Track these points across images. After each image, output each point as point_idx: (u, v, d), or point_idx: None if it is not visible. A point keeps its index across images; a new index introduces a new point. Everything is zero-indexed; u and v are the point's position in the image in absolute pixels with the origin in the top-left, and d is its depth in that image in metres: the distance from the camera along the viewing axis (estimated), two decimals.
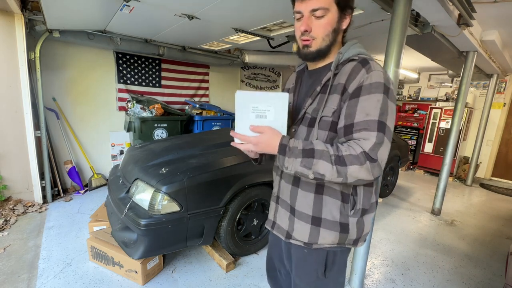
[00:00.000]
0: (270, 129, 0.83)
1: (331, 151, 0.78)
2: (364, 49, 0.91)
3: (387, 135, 0.79)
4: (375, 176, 0.78)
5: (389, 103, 0.80)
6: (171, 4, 2.18)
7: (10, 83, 2.84)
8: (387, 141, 0.79)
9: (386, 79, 0.81)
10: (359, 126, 0.79)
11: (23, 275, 1.94)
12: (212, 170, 1.99)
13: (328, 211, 0.89)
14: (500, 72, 4.52)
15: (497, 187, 4.94)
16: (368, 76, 0.81)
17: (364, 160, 0.76)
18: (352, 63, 0.85)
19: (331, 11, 0.84)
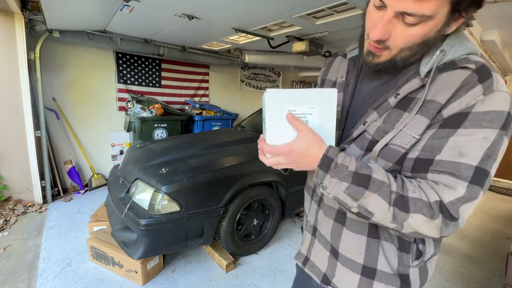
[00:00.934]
0: (310, 130, 0.59)
1: (393, 187, 0.56)
2: (473, 44, 0.60)
3: (485, 189, 0.54)
4: (444, 235, 0.56)
5: (504, 141, 0.54)
6: (171, 4, 2.18)
7: (10, 83, 2.84)
8: (481, 194, 0.54)
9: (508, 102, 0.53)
10: (442, 166, 0.55)
11: (23, 275, 1.94)
12: (212, 170, 1.99)
13: (384, 261, 0.67)
14: (500, 72, 4.52)
15: (497, 187, 4.94)
16: (486, 99, 0.53)
17: (437, 213, 0.54)
18: (462, 72, 0.56)
19: (435, 18, 0.53)
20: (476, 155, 0.53)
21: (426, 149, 0.57)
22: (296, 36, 3.00)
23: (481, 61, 0.57)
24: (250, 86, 5.58)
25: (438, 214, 0.53)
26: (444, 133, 0.55)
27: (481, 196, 0.54)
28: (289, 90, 0.59)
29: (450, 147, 0.54)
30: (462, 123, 0.54)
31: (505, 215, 3.63)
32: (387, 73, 0.66)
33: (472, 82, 0.54)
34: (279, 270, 2.13)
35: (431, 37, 0.56)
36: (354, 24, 2.55)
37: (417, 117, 0.58)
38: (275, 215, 2.36)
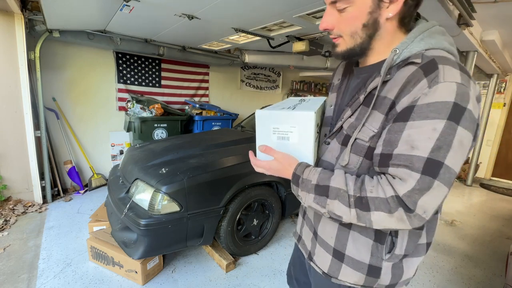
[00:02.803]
0: (282, 155, 0.72)
1: (350, 191, 0.61)
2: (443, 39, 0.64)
3: (441, 178, 0.54)
4: (414, 227, 0.58)
5: (458, 132, 0.54)
6: (171, 4, 2.18)
7: (10, 83, 2.83)
8: (440, 185, 0.55)
9: (461, 96, 0.54)
10: (399, 160, 0.57)
11: (23, 275, 1.94)
12: (212, 170, 1.99)
13: (354, 249, 0.72)
14: (500, 72, 4.52)
15: (497, 187, 4.94)
16: (430, 92, 0.55)
17: (395, 207, 0.57)
18: (412, 67, 0.59)
19: (359, 2, 0.61)
20: (427, 147, 0.54)
21: (386, 144, 0.60)
22: (296, 36, 3.00)
23: (434, 55, 0.59)
24: (250, 86, 5.58)
25: (397, 208, 0.56)
26: (397, 127, 0.59)
27: (438, 187, 0.55)
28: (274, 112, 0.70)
29: (404, 140, 0.57)
30: (411, 116, 0.57)
31: (505, 215, 3.63)
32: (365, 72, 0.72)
33: (418, 77, 0.57)
34: (279, 270, 2.13)
35: (369, 20, 0.63)
36: None
37: (374, 112, 0.64)
38: (275, 215, 2.36)
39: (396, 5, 0.61)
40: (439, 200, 0.56)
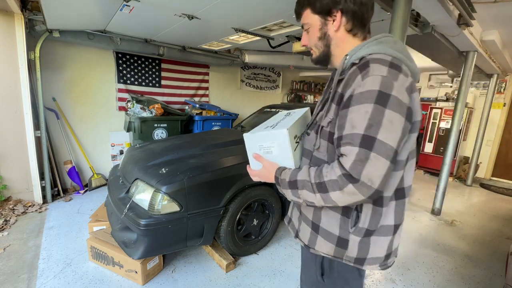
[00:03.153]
0: (268, 163, 0.89)
1: (312, 179, 0.76)
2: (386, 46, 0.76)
3: (377, 150, 0.67)
4: (367, 196, 0.69)
5: (386, 113, 0.67)
6: (171, 4, 2.18)
7: (10, 83, 2.83)
8: (377, 157, 0.67)
9: (385, 85, 0.68)
10: (345, 139, 0.71)
11: (23, 275, 1.94)
12: (212, 170, 1.99)
13: (326, 221, 0.85)
14: (500, 72, 4.52)
15: (497, 187, 4.94)
16: (362, 84, 0.70)
17: (345, 183, 0.69)
18: (354, 68, 0.75)
19: (312, 23, 0.84)
20: (362, 125, 0.69)
21: (338, 128, 0.75)
22: (296, 36, 3.00)
23: (370, 57, 0.74)
24: (250, 86, 5.58)
25: (346, 184, 0.69)
26: (343, 114, 0.74)
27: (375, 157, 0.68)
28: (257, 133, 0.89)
29: (348, 123, 0.71)
30: (351, 103, 0.71)
31: (505, 215, 3.63)
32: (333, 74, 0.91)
33: (355, 74, 0.73)
34: (279, 270, 2.13)
35: (322, 35, 0.84)
36: None
37: (332, 105, 0.80)
38: (275, 215, 2.36)
39: (337, 22, 0.81)
40: (380, 171, 0.68)
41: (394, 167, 0.73)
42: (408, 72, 0.74)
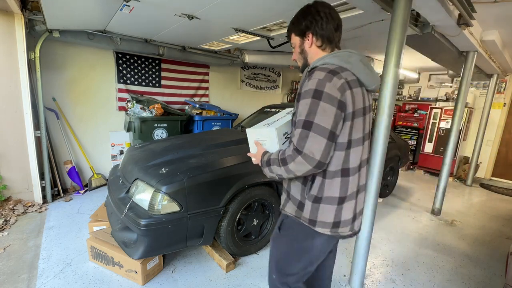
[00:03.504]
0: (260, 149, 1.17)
1: (278, 157, 1.02)
2: (333, 59, 1.02)
3: (314, 130, 0.93)
4: (313, 166, 0.95)
5: (321, 104, 0.93)
6: (171, 4, 2.18)
7: (10, 83, 2.84)
8: (314, 135, 0.93)
9: (319, 85, 0.94)
10: (295, 124, 1.01)
11: (23, 275, 1.94)
12: (212, 170, 1.99)
13: (293, 189, 1.15)
14: (500, 72, 4.52)
15: (497, 187, 4.94)
16: (306, 85, 0.98)
17: (295, 156, 0.96)
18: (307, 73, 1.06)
19: (295, 42, 1.15)
20: (304, 113, 0.95)
21: (295, 116, 1.02)
22: None
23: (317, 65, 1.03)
24: (250, 86, 5.58)
25: (296, 156, 0.95)
26: (297, 105, 1.01)
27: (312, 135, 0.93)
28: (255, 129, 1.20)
29: (298, 111, 0.98)
30: (300, 98, 0.99)
31: (505, 215, 3.63)
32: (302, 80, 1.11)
33: (305, 78, 1.03)
34: None
35: (301, 50, 1.14)
36: (354, 24, 2.55)
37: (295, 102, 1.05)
38: (275, 215, 2.36)
39: (310, 41, 1.10)
40: (318, 145, 0.93)
41: (334, 146, 0.99)
42: (346, 77, 0.97)
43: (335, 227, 1.07)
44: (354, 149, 1.03)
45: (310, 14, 1.06)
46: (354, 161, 1.04)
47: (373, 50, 4.07)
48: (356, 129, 1.02)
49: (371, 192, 1.80)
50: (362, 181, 1.12)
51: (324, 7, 1.06)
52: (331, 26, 1.06)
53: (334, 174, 1.02)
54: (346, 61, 1.00)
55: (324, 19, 1.05)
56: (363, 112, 1.04)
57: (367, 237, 1.86)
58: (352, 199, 1.08)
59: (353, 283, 1.96)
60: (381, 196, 3.87)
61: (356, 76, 1.01)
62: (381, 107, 1.72)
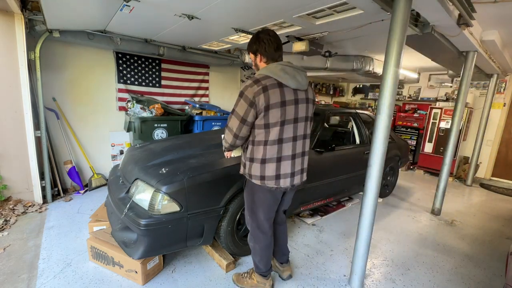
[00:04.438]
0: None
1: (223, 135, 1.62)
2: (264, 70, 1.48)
3: (234, 115, 1.47)
4: (232, 136, 1.51)
5: (240, 101, 1.43)
6: (171, 4, 2.18)
7: (10, 83, 2.84)
8: (233, 117, 1.48)
9: (244, 89, 1.43)
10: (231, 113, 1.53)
11: (23, 275, 1.94)
12: (212, 170, 1.99)
13: (242, 155, 1.65)
14: (500, 72, 4.52)
15: (497, 187, 4.94)
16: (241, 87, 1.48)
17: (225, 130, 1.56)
18: None
19: (252, 58, 1.61)
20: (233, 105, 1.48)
21: None
22: (296, 36, 3.00)
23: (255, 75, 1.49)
24: None
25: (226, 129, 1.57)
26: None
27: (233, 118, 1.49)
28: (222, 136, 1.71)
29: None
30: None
31: (505, 215, 3.63)
32: None
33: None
34: None
35: (255, 64, 1.61)
36: (354, 24, 2.55)
37: None
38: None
39: (258, 58, 1.55)
40: (234, 124, 1.48)
41: (243, 125, 1.46)
42: (266, 84, 1.41)
43: (276, 179, 1.53)
44: (281, 127, 1.46)
45: (258, 41, 1.50)
46: (272, 136, 1.47)
47: (373, 50, 4.07)
48: (274, 116, 1.43)
49: (371, 192, 1.80)
50: (298, 150, 1.56)
51: (265, 35, 1.49)
52: (272, 48, 1.49)
53: (259, 143, 1.49)
54: (271, 71, 1.44)
55: (266, 44, 1.48)
56: (287, 104, 1.44)
57: (367, 237, 1.86)
58: (287, 160, 1.52)
59: (353, 283, 1.97)
60: (381, 196, 3.88)
61: (278, 81, 1.42)
62: (381, 107, 1.72)
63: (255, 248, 1.76)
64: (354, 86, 8.03)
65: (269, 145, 1.47)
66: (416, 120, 6.12)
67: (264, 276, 1.84)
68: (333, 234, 2.76)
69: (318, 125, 2.83)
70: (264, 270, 1.81)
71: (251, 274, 1.90)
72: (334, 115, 3.64)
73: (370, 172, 1.79)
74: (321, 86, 7.70)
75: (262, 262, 1.78)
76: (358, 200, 3.74)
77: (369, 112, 3.88)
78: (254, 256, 1.81)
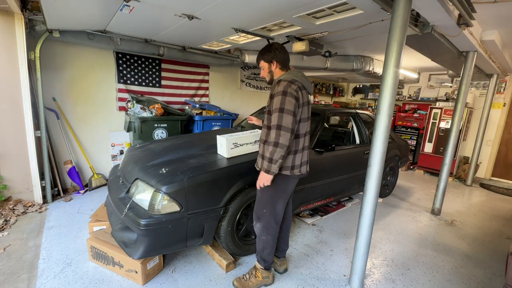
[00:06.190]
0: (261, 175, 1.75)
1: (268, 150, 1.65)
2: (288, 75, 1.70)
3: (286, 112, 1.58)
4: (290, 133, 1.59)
5: (287, 98, 1.58)
6: (171, 4, 2.18)
7: (10, 83, 2.84)
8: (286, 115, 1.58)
9: (285, 88, 1.60)
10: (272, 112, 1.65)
11: (23, 275, 1.94)
12: (212, 170, 1.99)
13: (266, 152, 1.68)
14: (500, 72, 4.52)
15: (497, 187, 4.94)
16: (277, 89, 1.64)
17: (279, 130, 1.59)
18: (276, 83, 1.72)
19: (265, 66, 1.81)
20: (277, 104, 1.60)
21: (269, 107, 1.70)
22: (296, 36, 3.00)
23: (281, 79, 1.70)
24: (250, 86, 5.58)
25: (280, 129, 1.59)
26: (271, 101, 1.67)
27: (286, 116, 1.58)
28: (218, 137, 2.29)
29: (273, 104, 1.64)
30: (274, 96, 1.64)
31: (505, 215, 3.63)
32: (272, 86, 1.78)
33: (275, 85, 1.71)
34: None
35: (269, 71, 1.82)
36: (354, 24, 2.55)
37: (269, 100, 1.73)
38: None
39: (274, 65, 1.78)
40: (289, 120, 1.57)
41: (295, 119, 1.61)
42: (298, 84, 1.64)
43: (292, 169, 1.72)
44: (304, 123, 1.72)
45: (272, 50, 1.75)
46: (306, 130, 1.75)
47: (373, 50, 4.07)
48: (304, 112, 1.68)
49: (371, 192, 1.80)
50: (307, 143, 1.79)
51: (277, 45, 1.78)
52: (286, 56, 1.77)
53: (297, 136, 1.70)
54: (296, 76, 1.69)
55: (281, 52, 1.76)
56: (307, 104, 1.71)
57: (367, 237, 1.86)
58: (306, 150, 1.79)
59: (353, 283, 1.97)
60: (381, 196, 3.88)
61: (302, 84, 1.68)
62: (381, 107, 1.72)
63: (268, 240, 1.84)
64: (354, 86, 8.03)
65: (301, 138, 1.72)
66: (416, 120, 6.12)
67: (268, 269, 1.93)
68: (333, 234, 2.77)
69: (318, 125, 2.83)
70: (270, 262, 1.91)
71: (255, 272, 1.91)
72: (334, 115, 3.64)
73: (370, 172, 1.79)
74: (321, 86, 7.70)
75: (270, 255, 1.89)
76: (358, 200, 3.74)
77: (369, 112, 3.88)
78: (264, 250, 1.86)
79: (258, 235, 1.86)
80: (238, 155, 2.24)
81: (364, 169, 1.86)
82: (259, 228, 1.84)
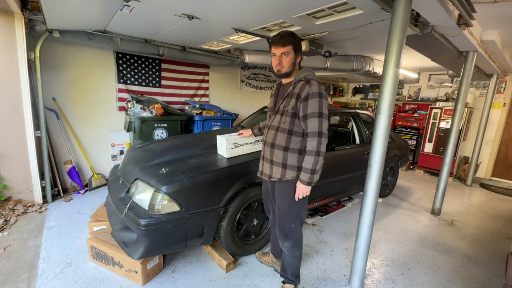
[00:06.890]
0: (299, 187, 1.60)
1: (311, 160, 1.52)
2: (310, 72, 1.58)
3: (323, 117, 1.49)
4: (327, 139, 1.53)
5: (323, 101, 1.50)
6: (171, 4, 2.18)
7: (10, 83, 2.84)
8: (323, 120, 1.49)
9: (320, 90, 1.50)
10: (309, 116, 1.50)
11: (23, 275, 1.94)
12: (212, 170, 1.99)
13: (290, 160, 1.59)
14: (500, 72, 4.52)
15: (497, 187, 4.94)
16: (311, 89, 1.49)
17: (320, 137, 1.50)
18: (302, 82, 1.55)
19: (291, 54, 1.55)
20: (316, 108, 1.48)
21: (303, 111, 1.52)
22: None
23: (309, 77, 1.54)
24: (250, 86, 5.58)
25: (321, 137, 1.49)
26: (305, 104, 1.50)
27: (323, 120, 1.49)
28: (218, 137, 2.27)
29: (309, 107, 1.49)
30: (308, 98, 1.49)
31: (505, 215, 3.63)
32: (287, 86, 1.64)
33: (305, 85, 1.52)
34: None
35: (293, 61, 1.56)
36: (354, 24, 2.55)
37: (292, 99, 1.56)
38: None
39: (298, 58, 1.59)
40: (326, 126, 1.50)
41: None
42: None
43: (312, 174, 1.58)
44: None
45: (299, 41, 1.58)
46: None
47: (373, 50, 4.07)
48: None
49: (371, 192, 1.80)
50: None
51: None
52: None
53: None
54: (314, 74, 1.61)
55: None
56: None
57: (367, 237, 1.86)
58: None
59: (353, 283, 1.97)
60: (381, 196, 3.87)
61: None
62: (381, 107, 1.72)
63: (300, 254, 1.76)
64: (354, 86, 8.03)
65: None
66: (416, 120, 6.12)
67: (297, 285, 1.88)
68: (333, 234, 2.77)
69: None
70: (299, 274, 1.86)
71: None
72: (334, 115, 3.65)
73: (370, 172, 1.79)
74: None
75: (299, 268, 1.82)
76: (358, 200, 3.74)
77: (369, 112, 3.88)
78: (296, 266, 1.78)
79: (291, 254, 1.71)
80: (238, 155, 2.24)
81: (364, 169, 1.86)
82: (290, 246, 1.70)
